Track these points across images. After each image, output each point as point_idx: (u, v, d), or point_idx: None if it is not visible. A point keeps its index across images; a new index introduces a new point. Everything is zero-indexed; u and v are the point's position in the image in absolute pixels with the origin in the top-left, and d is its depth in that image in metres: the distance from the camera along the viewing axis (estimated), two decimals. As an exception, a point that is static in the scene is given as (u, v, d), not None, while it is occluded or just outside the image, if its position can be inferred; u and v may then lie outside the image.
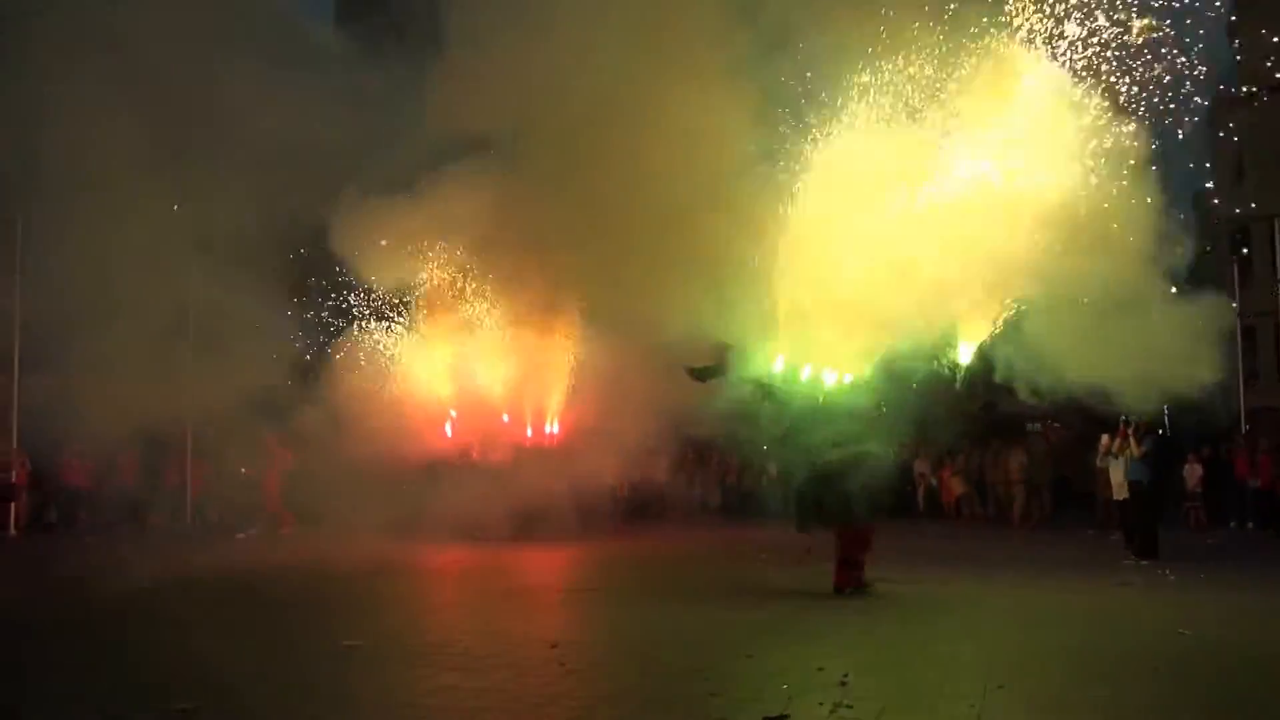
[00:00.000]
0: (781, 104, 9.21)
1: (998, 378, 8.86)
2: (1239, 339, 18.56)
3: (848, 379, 8.80)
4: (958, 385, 8.76)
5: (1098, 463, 13.63)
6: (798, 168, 9.04)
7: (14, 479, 14.58)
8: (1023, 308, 8.54)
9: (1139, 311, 8.14)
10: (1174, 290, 8.80)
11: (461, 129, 12.34)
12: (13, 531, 14.41)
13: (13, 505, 14.67)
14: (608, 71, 9.74)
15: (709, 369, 9.27)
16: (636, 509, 16.11)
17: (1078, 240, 8.16)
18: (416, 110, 12.34)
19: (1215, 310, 9.10)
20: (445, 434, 14.71)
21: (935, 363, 8.75)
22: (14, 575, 10.52)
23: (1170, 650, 6.06)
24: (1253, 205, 22.32)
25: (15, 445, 14.47)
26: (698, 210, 9.20)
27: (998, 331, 8.73)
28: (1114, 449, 12.84)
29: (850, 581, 8.19)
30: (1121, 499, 12.98)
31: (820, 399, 8.66)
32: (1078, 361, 8.04)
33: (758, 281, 8.93)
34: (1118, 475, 12.74)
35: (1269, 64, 20.35)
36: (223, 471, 14.12)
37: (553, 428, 14.67)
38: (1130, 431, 11.84)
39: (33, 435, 13.74)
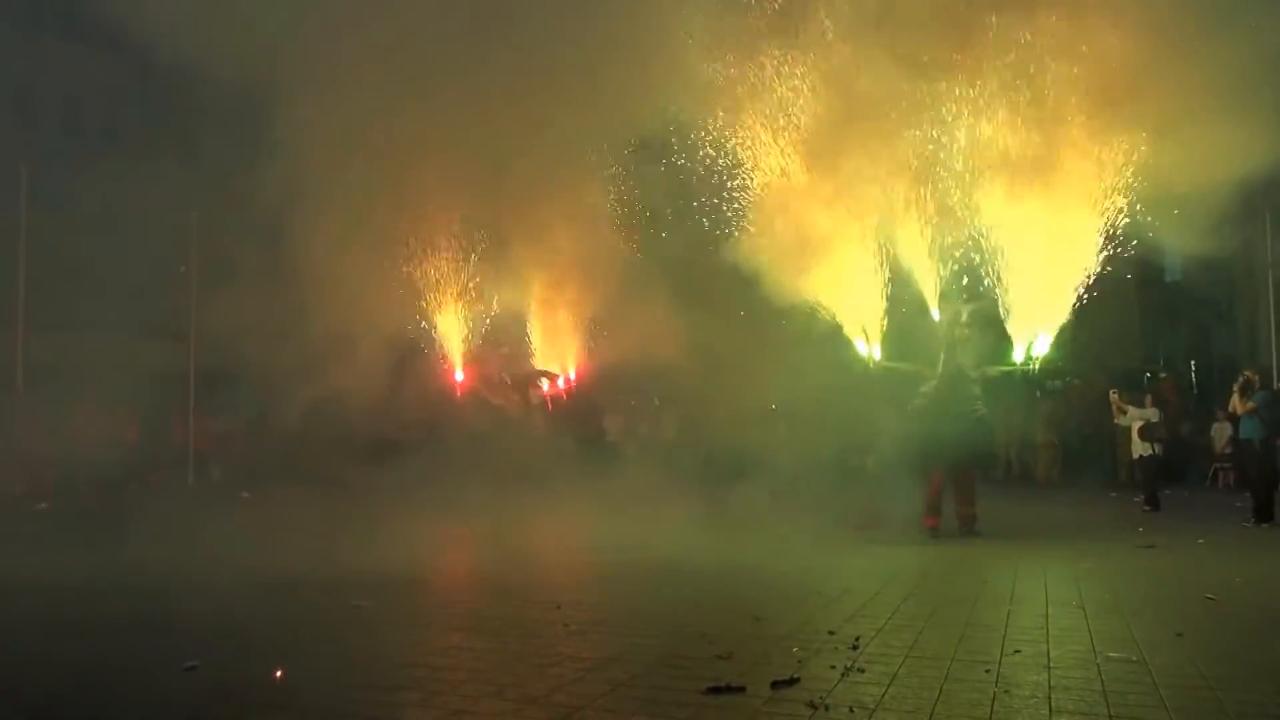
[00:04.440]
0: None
1: None
2: (1271, 291, 18.08)
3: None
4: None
5: (1115, 420, 13.37)
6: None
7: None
8: None
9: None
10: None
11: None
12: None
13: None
14: None
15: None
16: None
17: None
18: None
19: None
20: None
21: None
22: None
23: (1197, 615, 5.90)
24: None
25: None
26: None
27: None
28: (1123, 406, 12.63)
29: (971, 518, 9.75)
30: (1137, 457, 12.77)
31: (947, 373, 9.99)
32: None
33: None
34: (1135, 432, 12.55)
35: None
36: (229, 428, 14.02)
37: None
38: (1238, 387, 11.45)
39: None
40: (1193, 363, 12.72)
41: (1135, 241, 9.82)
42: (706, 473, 11.48)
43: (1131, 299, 22.57)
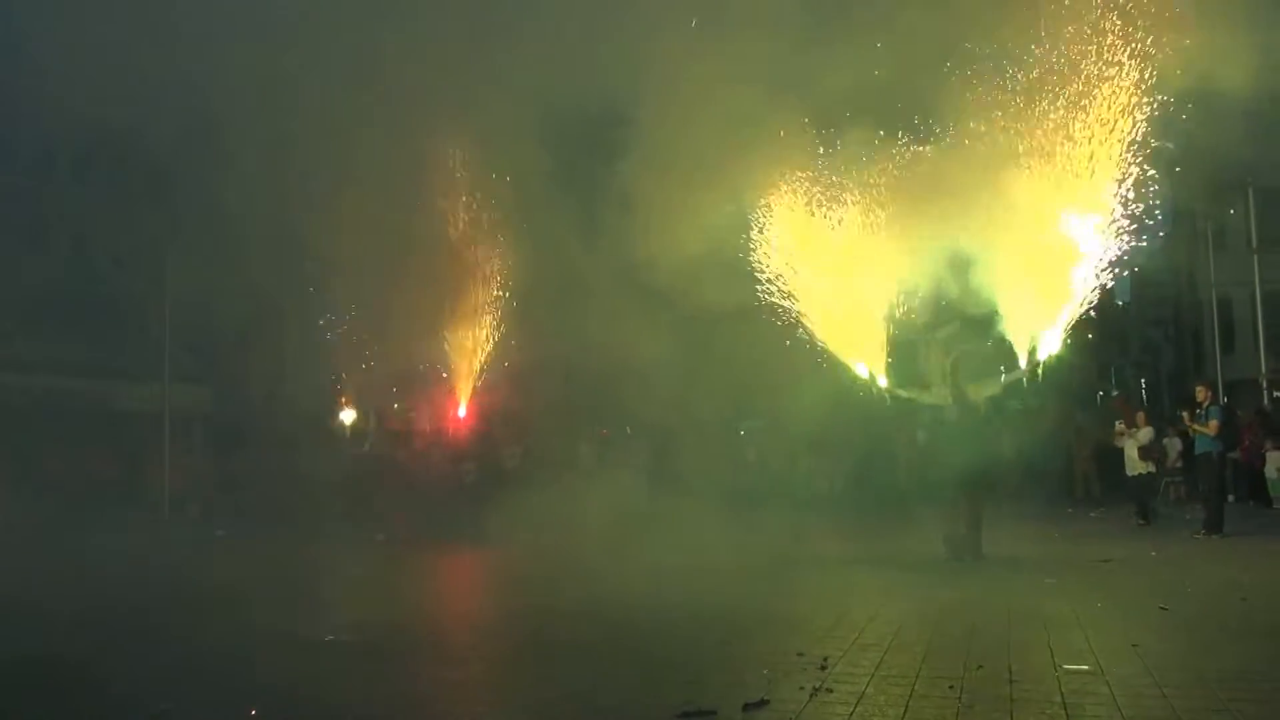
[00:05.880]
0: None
1: None
2: (1215, 310, 18.69)
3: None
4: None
5: (1114, 442, 13.65)
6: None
7: None
8: None
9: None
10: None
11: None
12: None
13: None
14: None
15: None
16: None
17: None
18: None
19: None
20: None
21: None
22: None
23: (1152, 625, 6.07)
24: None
25: None
26: None
27: None
28: (1124, 431, 12.87)
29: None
30: (1134, 475, 13.01)
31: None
32: None
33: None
34: (1133, 451, 12.80)
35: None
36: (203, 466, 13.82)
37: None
38: (1201, 407, 11.74)
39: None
40: (1143, 380, 13.16)
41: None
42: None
43: (1086, 320, 23.14)
